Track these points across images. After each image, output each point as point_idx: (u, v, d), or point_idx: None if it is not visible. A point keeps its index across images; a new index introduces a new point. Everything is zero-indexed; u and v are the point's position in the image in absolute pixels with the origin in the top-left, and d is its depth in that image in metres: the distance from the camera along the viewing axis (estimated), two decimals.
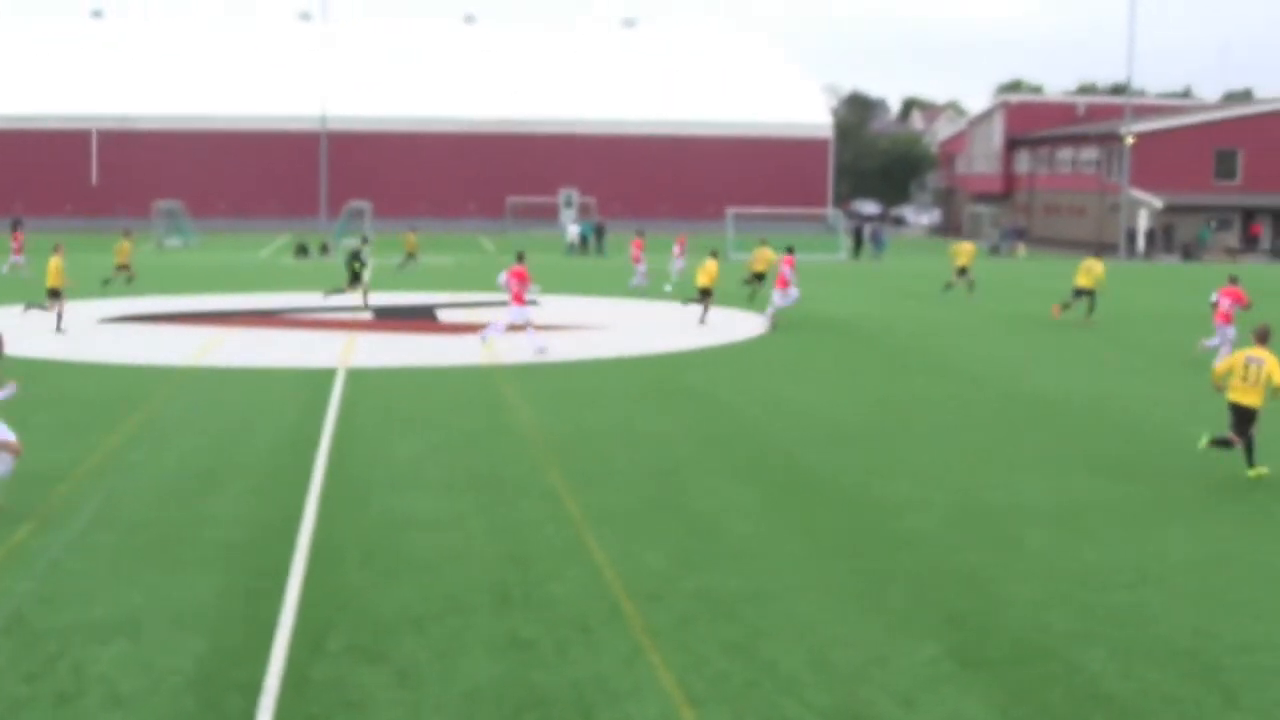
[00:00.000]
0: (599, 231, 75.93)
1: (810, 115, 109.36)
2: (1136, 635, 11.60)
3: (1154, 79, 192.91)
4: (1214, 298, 29.78)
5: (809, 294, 41.44)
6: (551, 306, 39.86)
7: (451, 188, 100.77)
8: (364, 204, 79.73)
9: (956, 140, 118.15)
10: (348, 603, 12.20)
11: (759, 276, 43.61)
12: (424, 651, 11.02)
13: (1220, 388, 17.95)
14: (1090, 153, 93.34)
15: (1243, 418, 17.44)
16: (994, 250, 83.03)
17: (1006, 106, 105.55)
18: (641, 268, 46.82)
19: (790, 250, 37.36)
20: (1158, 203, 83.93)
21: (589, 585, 12.77)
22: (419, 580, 12.87)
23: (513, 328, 29.98)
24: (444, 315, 38.43)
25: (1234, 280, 30.18)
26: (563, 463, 17.94)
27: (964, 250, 44.98)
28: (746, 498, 16.38)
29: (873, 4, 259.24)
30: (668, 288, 46.54)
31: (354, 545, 14.01)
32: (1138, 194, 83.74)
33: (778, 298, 35.53)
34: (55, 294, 32.27)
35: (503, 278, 30.26)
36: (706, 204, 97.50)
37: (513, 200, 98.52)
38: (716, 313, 36.52)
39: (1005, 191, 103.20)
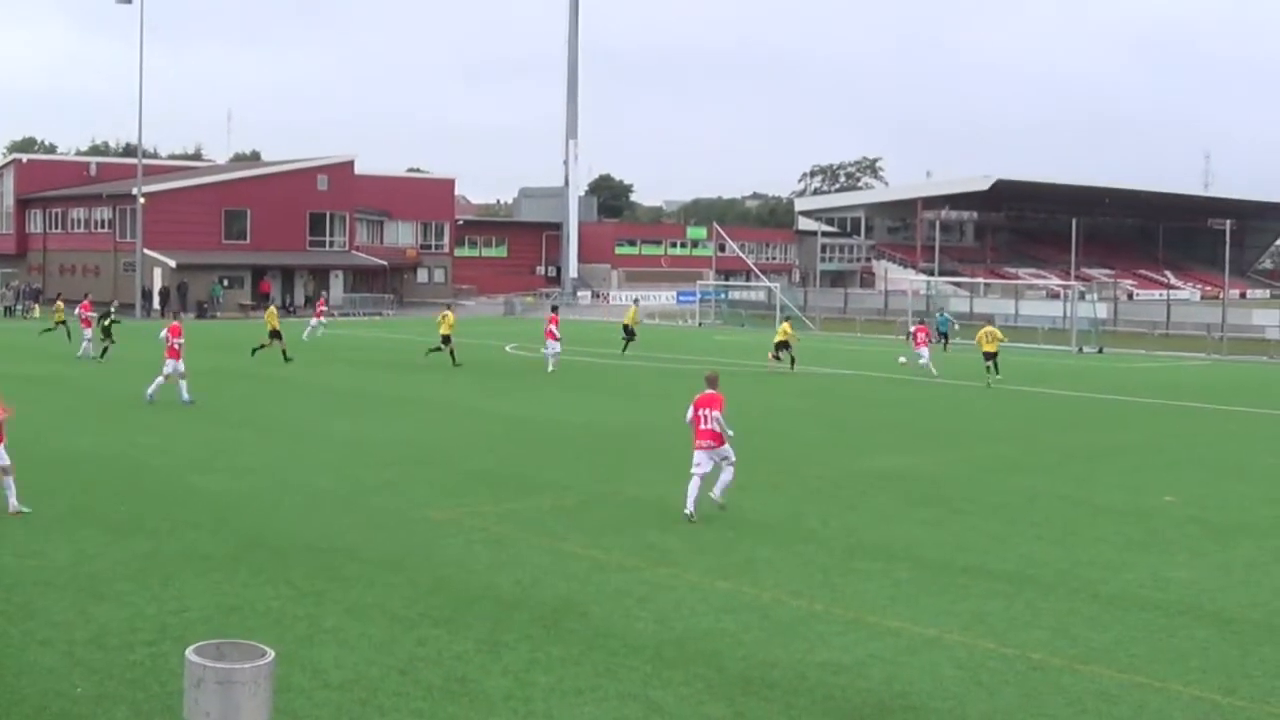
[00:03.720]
0: None
1: None
2: (158, 692, 11.79)
3: (166, 140, 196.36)
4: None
5: None
6: None
7: None
8: None
9: None
10: None
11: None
12: None
13: None
14: (104, 212, 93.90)
15: None
16: (9, 312, 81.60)
17: (18, 165, 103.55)
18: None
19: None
20: (171, 262, 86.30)
21: None
22: None
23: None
24: None
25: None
26: None
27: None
28: None
29: None
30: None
31: None
32: (151, 253, 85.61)
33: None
34: None
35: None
36: None
37: None
38: None
39: (20, 252, 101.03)
